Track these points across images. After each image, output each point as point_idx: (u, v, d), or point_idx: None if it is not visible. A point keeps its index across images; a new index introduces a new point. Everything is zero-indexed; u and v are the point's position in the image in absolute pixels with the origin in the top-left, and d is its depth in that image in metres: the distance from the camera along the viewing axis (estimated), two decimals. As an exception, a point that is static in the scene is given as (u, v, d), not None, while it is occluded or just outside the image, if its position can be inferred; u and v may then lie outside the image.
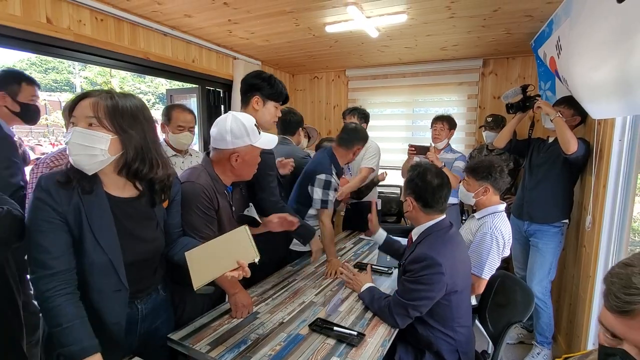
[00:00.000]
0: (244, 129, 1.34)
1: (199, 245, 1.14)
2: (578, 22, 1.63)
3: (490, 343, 1.72)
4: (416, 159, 2.92)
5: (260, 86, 1.63)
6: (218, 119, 1.40)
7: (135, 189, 1.08)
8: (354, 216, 2.95)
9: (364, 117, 2.92)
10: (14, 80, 1.82)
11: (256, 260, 1.10)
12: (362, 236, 2.54)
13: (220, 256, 1.11)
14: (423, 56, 3.43)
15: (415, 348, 1.47)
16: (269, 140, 1.45)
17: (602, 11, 1.35)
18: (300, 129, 2.61)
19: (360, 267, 1.95)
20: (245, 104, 1.68)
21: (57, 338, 0.93)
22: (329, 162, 2.07)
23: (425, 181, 1.43)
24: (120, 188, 1.06)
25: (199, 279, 1.04)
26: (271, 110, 1.68)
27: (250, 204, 1.59)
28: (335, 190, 2.06)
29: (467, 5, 2.09)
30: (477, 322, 1.79)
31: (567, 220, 2.22)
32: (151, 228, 1.14)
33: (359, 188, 2.80)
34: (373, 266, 1.93)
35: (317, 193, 1.99)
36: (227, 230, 1.30)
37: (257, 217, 1.56)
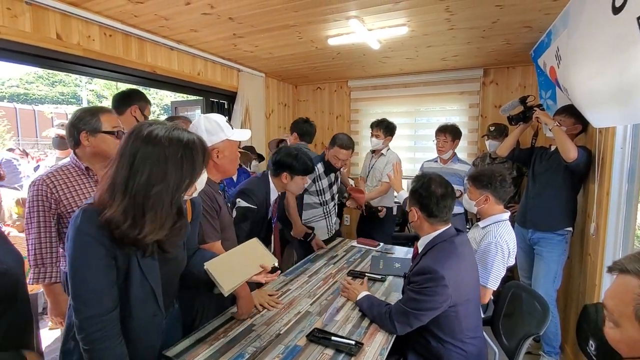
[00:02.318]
0: (217, 125, 1.41)
1: (216, 257, 1.20)
2: (576, 32, 1.66)
3: (497, 354, 1.71)
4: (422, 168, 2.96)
5: (289, 165, 1.89)
6: (191, 124, 1.47)
7: None
8: (367, 224, 3.02)
9: (388, 130, 2.95)
10: (144, 98, 2.20)
11: (276, 264, 1.18)
12: (354, 244, 2.56)
13: (241, 263, 1.18)
14: (424, 67, 3.48)
15: None
16: (243, 133, 1.52)
17: (599, 22, 1.38)
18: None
19: (354, 274, 1.96)
20: (275, 174, 1.94)
21: None
22: (319, 159, 2.52)
23: (429, 191, 1.44)
24: None
25: (228, 284, 1.10)
26: (298, 183, 1.95)
27: (238, 199, 1.75)
28: (314, 180, 2.44)
29: (466, 17, 2.14)
30: (483, 332, 1.78)
31: (570, 228, 2.22)
32: (180, 248, 1.16)
33: (367, 204, 2.89)
34: (366, 274, 1.95)
35: None
36: (228, 227, 1.37)
37: (250, 205, 1.73)
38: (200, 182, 1.06)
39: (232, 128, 1.48)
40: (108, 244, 0.91)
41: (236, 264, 1.18)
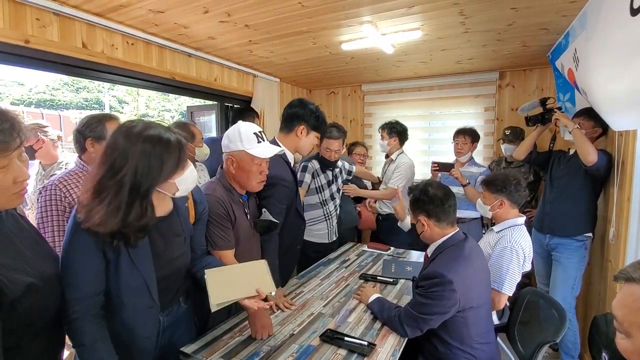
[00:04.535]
0: (237, 134, 1.39)
1: (220, 267, 1.21)
2: (594, 34, 1.64)
3: (513, 361, 1.68)
4: (439, 175, 2.93)
5: (307, 117, 1.75)
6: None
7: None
8: (381, 232, 3.01)
9: (394, 131, 2.87)
10: (252, 114, 2.91)
11: (273, 293, 1.18)
12: (365, 248, 2.56)
13: (239, 281, 1.17)
14: (438, 70, 3.46)
15: None
16: (264, 150, 1.42)
17: (617, 24, 1.36)
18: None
19: (366, 278, 1.97)
20: (288, 130, 1.78)
21: (80, 356, 0.99)
22: (313, 156, 2.41)
23: (430, 195, 1.45)
24: (157, 207, 1.07)
25: (217, 299, 1.09)
26: (312, 140, 1.82)
27: (264, 209, 1.63)
28: (313, 176, 2.33)
29: (480, 20, 2.12)
30: (499, 339, 1.75)
31: (590, 234, 2.16)
32: (179, 244, 1.18)
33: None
34: (378, 277, 1.96)
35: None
36: (245, 239, 1.32)
37: (272, 219, 1.61)
38: (184, 182, 1.07)
39: (260, 142, 1.40)
40: (98, 236, 0.97)
41: (234, 281, 1.17)
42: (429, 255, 1.54)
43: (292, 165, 1.82)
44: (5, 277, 0.78)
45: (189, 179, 1.10)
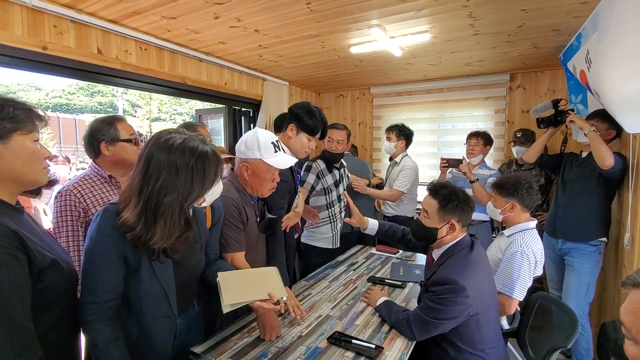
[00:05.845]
0: (256, 142, 1.39)
1: (232, 270, 1.23)
2: (606, 35, 1.61)
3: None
4: (449, 175, 2.91)
5: (299, 116, 1.76)
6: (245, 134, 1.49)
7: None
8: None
9: (402, 133, 2.89)
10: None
11: (284, 299, 1.19)
12: (374, 251, 2.55)
13: (251, 285, 1.19)
14: (448, 72, 3.44)
15: None
16: (282, 160, 1.43)
17: (630, 25, 1.34)
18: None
19: (374, 281, 1.96)
20: (284, 129, 1.82)
21: (93, 355, 1.00)
22: (319, 156, 2.43)
23: (463, 199, 1.44)
24: None
25: (229, 300, 1.10)
26: (303, 141, 1.79)
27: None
28: (318, 176, 2.30)
29: (490, 22, 2.11)
30: (509, 344, 1.73)
31: (604, 239, 2.11)
32: (197, 251, 1.20)
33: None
34: (386, 280, 1.95)
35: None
36: (255, 239, 1.35)
37: (271, 215, 1.63)
38: (212, 194, 1.09)
39: (278, 151, 1.42)
40: (121, 244, 0.98)
41: (246, 284, 1.19)
42: (434, 259, 1.52)
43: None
44: (34, 250, 0.84)
45: (217, 190, 1.12)
